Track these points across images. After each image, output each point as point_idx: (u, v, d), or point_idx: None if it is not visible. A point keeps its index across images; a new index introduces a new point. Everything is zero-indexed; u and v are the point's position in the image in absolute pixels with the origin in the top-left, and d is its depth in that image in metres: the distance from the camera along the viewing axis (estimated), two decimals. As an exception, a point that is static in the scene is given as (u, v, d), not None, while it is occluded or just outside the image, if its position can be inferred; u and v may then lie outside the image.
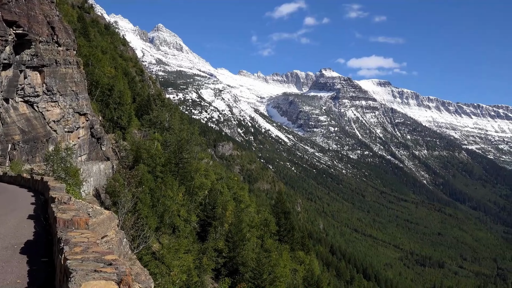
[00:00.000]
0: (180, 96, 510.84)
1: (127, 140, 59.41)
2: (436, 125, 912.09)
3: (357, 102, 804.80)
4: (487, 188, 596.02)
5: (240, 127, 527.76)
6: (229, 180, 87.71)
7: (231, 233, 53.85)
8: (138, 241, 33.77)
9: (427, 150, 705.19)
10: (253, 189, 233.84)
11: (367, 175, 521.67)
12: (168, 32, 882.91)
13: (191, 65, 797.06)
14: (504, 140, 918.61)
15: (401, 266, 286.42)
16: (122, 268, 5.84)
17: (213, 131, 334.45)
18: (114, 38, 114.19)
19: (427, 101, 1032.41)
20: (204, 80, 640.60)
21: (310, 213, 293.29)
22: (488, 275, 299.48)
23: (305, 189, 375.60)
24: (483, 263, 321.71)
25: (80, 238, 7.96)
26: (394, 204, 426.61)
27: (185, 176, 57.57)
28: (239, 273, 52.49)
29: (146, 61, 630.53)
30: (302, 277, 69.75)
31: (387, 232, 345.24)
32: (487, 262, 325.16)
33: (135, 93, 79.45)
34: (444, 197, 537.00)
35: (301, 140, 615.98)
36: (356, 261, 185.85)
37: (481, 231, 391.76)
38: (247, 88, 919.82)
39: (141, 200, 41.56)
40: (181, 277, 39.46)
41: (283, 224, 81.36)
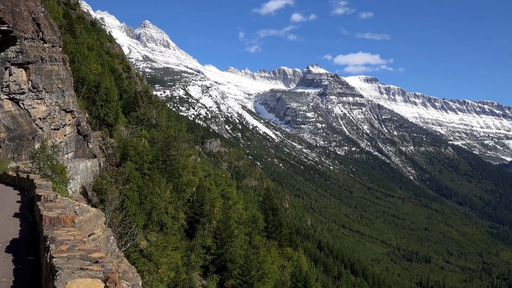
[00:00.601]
0: (167, 93, 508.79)
1: (114, 137, 59.10)
2: (423, 121, 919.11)
3: (344, 98, 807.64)
4: (473, 184, 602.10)
5: (228, 124, 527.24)
6: (217, 177, 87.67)
7: (219, 230, 53.84)
8: (126, 239, 33.65)
9: (413, 146, 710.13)
10: (241, 186, 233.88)
11: (355, 171, 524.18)
12: (155, 29, 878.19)
13: (178, 62, 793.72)
14: (489, 135, 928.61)
15: (388, 261, 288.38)
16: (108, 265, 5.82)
17: (200, 128, 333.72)
18: (101, 35, 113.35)
19: (414, 97, 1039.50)
20: (191, 76, 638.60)
21: (298, 210, 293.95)
22: (474, 270, 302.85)
23: (292, 186, 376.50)
24: (469, 258, 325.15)
25: (66, 236, 7.92)
26: (381, 200, 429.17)
27: (173, 173, 57.42)
28: (227, 269, 52.52)
29: (133, 58, 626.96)
30: (290, 273, 69.95)
31: (374, 228, 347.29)
32: (473, 257, 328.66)
33: (122, 90, 78.96)
34: (431, 193, 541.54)
35: (289, 136, 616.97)
36: (344, 257, 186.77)
37: (467, 226, 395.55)
38: (235, 85, 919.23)
39: (129, 198, 41.39)
40: (169, 274, 39.39)
41: (271, 221, 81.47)
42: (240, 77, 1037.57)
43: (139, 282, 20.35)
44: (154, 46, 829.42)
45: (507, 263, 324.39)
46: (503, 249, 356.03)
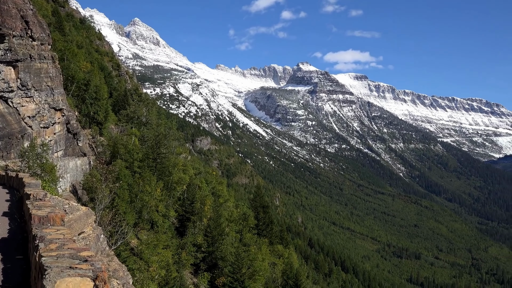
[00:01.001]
0: (157, 91, 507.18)
1: (104, 136, 58.85)
2: (412, 118, 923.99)
3: (334, 96, 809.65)
4: (462, 180, 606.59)
5: (218, 121, 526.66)
6: (207, 174, 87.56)
7: (210, 228, 53.81)
8: (116, 237, 33.53)
9: (403, 143, 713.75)
10: (232, 184, 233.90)
11: (345, 168, 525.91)
12: (144, 26, 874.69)
13: (168, 60, 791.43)
14: (478, 132, 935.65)
15: (378, 258, 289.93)
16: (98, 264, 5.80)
17: (191, 126, 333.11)
18: (90, 33, 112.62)
19: (403, 94, 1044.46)
20: (181, 74, 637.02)
21: (289, 207, 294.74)
22: (463, 265, 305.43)
23: (283, 183, 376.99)
24: (458, 254, 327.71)
25: (55, 234, 7.88)
26: (371, 197, 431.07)
27: (163, 171, 57.30)
28: (218, 267, 52.53)
29: (123, 56, 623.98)
30: (281, 270, 70.09)
31: (364, 225, 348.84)
32: (462, 253, 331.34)
33: (111, 88, 78.58)
34: (420, 190, 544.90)
35: (279, 134, 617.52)
36: (334, 254, 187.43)
37: (456, 222, 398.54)
38: (225, 83, 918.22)
39: (119, 196, 41.24)
40: (160, 273, 39.32)
41: (261, 218, 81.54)
42: (230, 75, 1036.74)
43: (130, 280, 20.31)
44: (144, 43, 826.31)
45: (495, 259, 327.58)
46: (492, 245, 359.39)
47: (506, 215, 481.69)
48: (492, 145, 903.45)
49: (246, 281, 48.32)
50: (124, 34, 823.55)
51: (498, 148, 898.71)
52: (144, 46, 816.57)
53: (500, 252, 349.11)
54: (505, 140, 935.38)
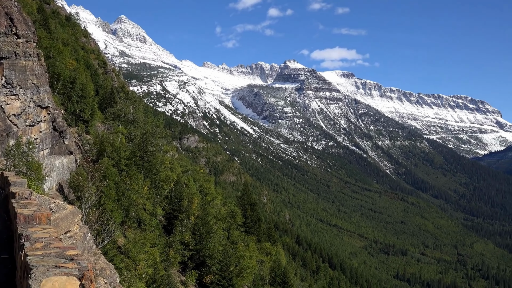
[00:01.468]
0: (144, 89, 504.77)
1: (90, 134, 58.43)
2: (398, 116, 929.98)
3: (321, 93, 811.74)
4: (448, 177, 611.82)
5: (206, 119, 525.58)
6: (195, 172, 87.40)
7: (198, 226, 53.73)
8: (103, 236, 33.37)
9: (389, 140, 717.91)
10: (219, 181, 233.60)
11: (332, 165, 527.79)
12: (131, 24, 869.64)
13: (155, 57, 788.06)
14: (463, 129, 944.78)
15: (365, 254, 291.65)
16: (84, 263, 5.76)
17: (178, 124, 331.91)
18: (76, 30, 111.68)
19: (390, 92, 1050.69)
20: (168, 72, 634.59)
21: (276, 204, 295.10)
22: (449, 261, 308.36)
23: (271, 181, 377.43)
24: (444, 250, 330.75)
25: (41, 233, 7.82)
26: (358, 194, 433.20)
27: (150, 169, 57.10)
28: (206, 265, 52.50)
29: (109, 53, 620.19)
30: (268, 268, 70.24)
31: (351, 222, 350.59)
32: (448, 249, 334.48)
33: (98, 85, 78.05)
34: (407, 186, 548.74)
35: (267, 131, 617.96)
36: (322, 251, 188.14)
37: (442, 218, 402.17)
38: (212, 80, 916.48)
39: (106, 194, 41.03)
40: (147, 271, 39.20)
41: (249, 216, 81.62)
42: (218, 72, 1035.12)
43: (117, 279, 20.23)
44: (130, 41, 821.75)
45: (481, 254, 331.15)
46: (477, 241, 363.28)
47: (491, 211, 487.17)
48: (477, 142, 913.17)
49: (234, 279, 48.36)
50: (110, 32, 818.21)
51: (483, 145, 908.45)
52: (131, 43, 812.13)
53: (485, 248, 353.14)
54: (490, 137, 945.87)
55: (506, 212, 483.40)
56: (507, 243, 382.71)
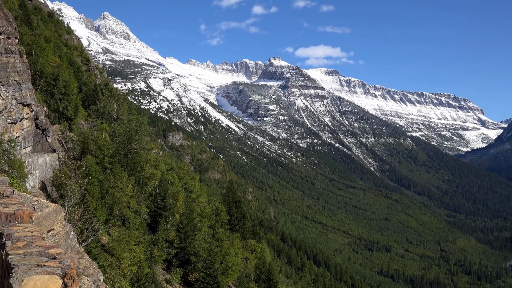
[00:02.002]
0: (128, 86, 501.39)
1: (73, 131, 57.88)
2: (382, 113, 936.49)
3: (306, 91, 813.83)
4: (431, 174, 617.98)
5: (190, 116, 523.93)
6: (179, 170, 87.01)
7: (182, 224, 53.59)
8: (87, 234, 33.10)
9: (373, 138, 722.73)
10: (204, 179, 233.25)
11: (317, 163, 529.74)
12: (114, 21, 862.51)
13: (139, 54, 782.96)
14: (446, 127, 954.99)
15: (350, 251, 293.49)
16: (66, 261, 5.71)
17: (162, 121, 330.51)
18: (58, 26, 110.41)
19: (374, 89, 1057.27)
20: (152, 69, 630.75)
21: (261, 202, 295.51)
22: (432, 257, 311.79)
23: (255, 178, 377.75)
24: (427, 246, 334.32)
25: (23, 232, 7.73)
26: (342, 191, 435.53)
27: (135, 167, 56.74)
28: (191, 263, 52.40)
29: (92, 50, 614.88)
30: (253, 265, 70.36)
31: (336, 219, 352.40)
32: (431, 245, 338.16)
33: (81, 82, 77.28)
34: (390, 183, 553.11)
35: (251, 129, 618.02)
36: (307, 248, 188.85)
37: (425, 215, 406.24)
38: (197, 78, 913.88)
39: (90, 192, 40.72)
40: (131, 269, 39.02)
41: (234, 213, 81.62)
42: (202, 70, 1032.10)
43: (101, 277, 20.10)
44: (114, 38, 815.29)
45: (463, 250, 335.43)
46: (460, 237, 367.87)
47: (473, 207, 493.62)
48: (460, 139, 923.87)
49: (218, 276, 48.38)
50: (93, 28, 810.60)
51: (465, 142, 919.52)
52: (114, 40, 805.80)
53: (467, 243, 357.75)
54: (472, 134, 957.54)
55: (488, 208, 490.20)
56: (489, 238, 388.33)
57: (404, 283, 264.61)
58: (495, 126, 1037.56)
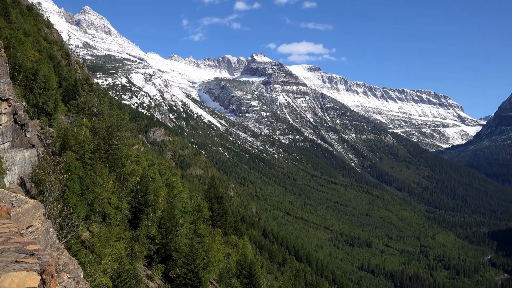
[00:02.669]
0: (109, 81, 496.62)
1: (53, 127, 57.21)
2: (364, 110, 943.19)
3: (288, 87, 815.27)
4: (411, 170, 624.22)
5: (172, 112, 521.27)
6: (161, 166, 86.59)
7: (164, 220, 53.42)
8: (67, 230, 32.81)
9: (355, 134, 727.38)
10: (186, 175, 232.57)
11: (298, 159, 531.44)
12: (95, 15, 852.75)
13: (120, 49, 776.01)
14: (426, 123, 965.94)
15: (331, 246, 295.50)
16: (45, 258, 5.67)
17: (144, 117, 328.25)
18: (38, 20, 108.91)
19: (355, 86, 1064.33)
20: (134, 64, 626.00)
21: (243, 198, 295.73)
22: (412, 252, 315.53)
23: (238, 174, 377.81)
24: (407, 241, 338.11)
25: (1, 228, 7.66)
26: (324, 187, 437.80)
27: (116, 163, 56.32)
28: (172, 259, 52.30)
29: (73, 45, 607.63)
30: (235, 260, 70.47)
31: (317, 214, 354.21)
32: (411, 240, 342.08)
33: (61, 77, 76.35)
34: (372, 179, 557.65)
35: (234, 125, 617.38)
36: (288, 243, 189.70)
37: (406, 211, 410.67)
38: (179, 73, 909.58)
39: (69, 188, 40.33)
40: (112, 266, 38.79)
41: (216, 209, 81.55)
42: (184, 65, 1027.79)
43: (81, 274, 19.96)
44: (94, 32, 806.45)
45: (442, 245, 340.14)
46: (439, 232, 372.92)
47: (453, 203, 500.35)
48: (440, 136, 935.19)
49: (200, 272, 48.34)
50: (74, 23, 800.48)
51: (445, 138, 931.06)
52: (95, 35, 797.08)
53: (446, 239, 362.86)
54: (452, 131, 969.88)
55: (467, 204, 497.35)
56: (467, 234, 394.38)
57: (384, 278, 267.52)
58: (475, 123, 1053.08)
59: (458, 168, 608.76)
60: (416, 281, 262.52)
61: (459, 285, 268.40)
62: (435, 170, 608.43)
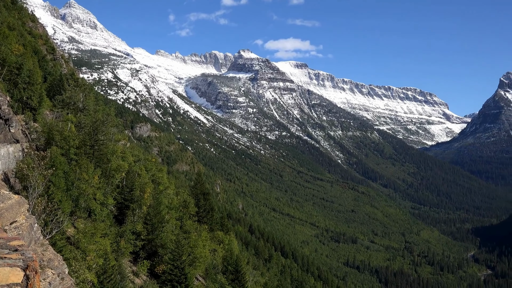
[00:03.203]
0: (94, 76, 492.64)
1: (38, 122, 56.64)
2: (350, 107, 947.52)
3: (275, 83, 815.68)
4: (397, 167, 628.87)
5: (158, 108, 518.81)
6: (147, 162, 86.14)
7: (150, 216, 53.23)
8: (51, 226, 32.56)
9: (341, 131, 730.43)
10: (172, 171, 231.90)
11: (285, 155, 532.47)
12: (81, 9, 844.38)
13: (106, 44, 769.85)
14: (412, 121, 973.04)
15: (317, 243, 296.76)
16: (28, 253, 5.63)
17: (130, 112, 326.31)
18: (22, 14, 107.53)
19: (342, 83, 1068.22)
20: (120, 59, 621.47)
21: (230, 194, 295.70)
22: (397, 248, 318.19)
23: (224, 170, 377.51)
24: (392, 238, 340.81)
25: (-16, 224, 7.60)
26: (310, 183, 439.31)
27: (101, 159, 55.91)
28: (158, 255, 52.16)
29: (58, 39, 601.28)
30: (221, 256, 70.51)
31: (303, 211, 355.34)
32: (396, 236, 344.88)
33: (46, 72, 75.52)
34: (357, 176, 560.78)
35: (220, 121, 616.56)
36: (274, 239, 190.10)
37: (391, 207, 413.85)
38: (165, 69, 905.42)
39: (54, 184, 40.00)
40: (97, 262, 38.59)
41: (202, 205, 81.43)
42: (171, 61, 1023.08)
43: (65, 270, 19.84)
44: (80, 27, 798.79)
45: (427, 242, 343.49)
46: (424, 229, 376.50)
47: (437, 199, 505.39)
48: (425, 133, 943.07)
49: (186, 268, 48.30)
50: (59, 17, 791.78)
51: (430, 135, 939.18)
52: (81, 29, 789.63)
53: (431, 235, 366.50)
54: (437, 128, 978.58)
55: (451, 200, 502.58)
56: (451, 230, 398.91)
57: (370, 273, 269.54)
58: (459, 120, 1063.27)
59: (442, 165, 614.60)
60: (401, 277, 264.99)
61: (443, 281, 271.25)
62: (420, 167, 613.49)
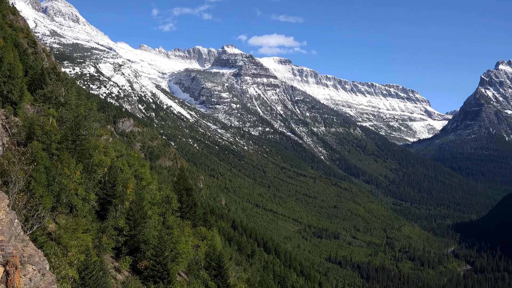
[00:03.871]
0: (77, 70, 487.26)
1: (19, 116, 55.97)
2: (333, 103, 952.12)
3: (259, 79, 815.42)
4: (379, 163, 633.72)
5: (141, 103, 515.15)
6: (129, 157, 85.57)
7: (132, 211, 52.96)
8: (32, 222, 32.26)
9: (324, 127, 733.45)
10: (155, 166, 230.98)
11: (268, 151, 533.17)
12: (63, 2, 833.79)
13: (89, 38, 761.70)
14: (394, 117, 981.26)
15: (299, 238, 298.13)
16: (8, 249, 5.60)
17: (112, 107, 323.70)
18: (3, 6, 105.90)
19: (325, 79, 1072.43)
20: (102, 54, 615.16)
21: (213, 190, 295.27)
22: (379, 244, 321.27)
23: (207, 166, 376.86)
24: (374, 233, 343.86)
25: (-36, 219, 7.52)
26: (293, 179, 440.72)
27: (83, 154, 55.43)
28: (141, 251, 51.96)
29: (39, 32, 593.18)
30: (204, 252, 70.45)
31: (286, 207, 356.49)
32: (378, 232, 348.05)
33: (27, 66, 74.58)
34: (340, 172, 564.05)
35: (204, 116, 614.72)
36: (257, 235, 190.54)
37: (373, 203, 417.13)
38: (148, 63, 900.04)
39: (35, 179, 39.60)
40: (79, 257, 38.36)
41: (185, 201, 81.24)
42: (154, 56, 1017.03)
43: (46, 266, 19.69)
44: (62, 20, 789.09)
45: (408, 237, 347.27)
46: (405, 224, 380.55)
47: (418, 196, 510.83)
48: (407, 130, 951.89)
49: (168, 264, 48.24)
50: (40, 10, 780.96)
51: (412, 132, 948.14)
52: (63, 23, 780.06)
53: (412, 231, 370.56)
54: (419, 125, 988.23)
55: (432, 196, 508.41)
56: (432, 226, 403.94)
57: (351, 269, 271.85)
58: (441, 117, 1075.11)
59: (424, 161, 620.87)
60: (382, 272, 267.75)
61: (423, 276, 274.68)
62: (402, 163, 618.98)
